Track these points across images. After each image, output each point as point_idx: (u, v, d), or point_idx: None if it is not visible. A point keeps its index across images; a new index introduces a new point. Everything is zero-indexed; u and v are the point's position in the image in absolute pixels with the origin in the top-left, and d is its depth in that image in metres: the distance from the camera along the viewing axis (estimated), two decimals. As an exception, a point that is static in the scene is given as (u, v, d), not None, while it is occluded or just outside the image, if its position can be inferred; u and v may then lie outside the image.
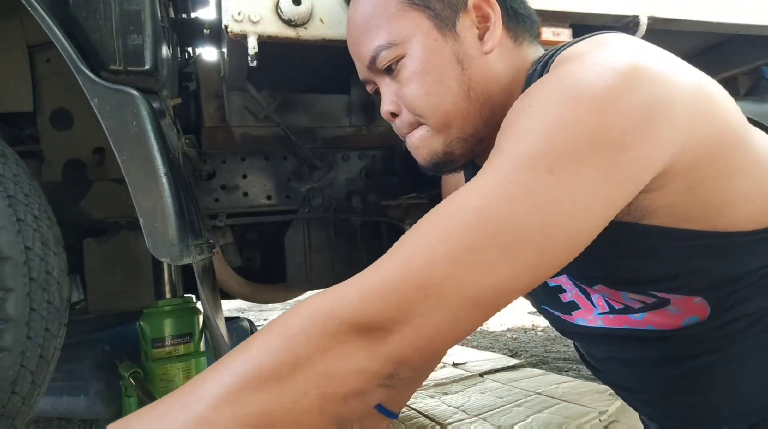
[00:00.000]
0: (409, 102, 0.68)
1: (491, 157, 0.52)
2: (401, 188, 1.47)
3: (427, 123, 0.68)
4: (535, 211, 0.47)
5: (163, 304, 1.22)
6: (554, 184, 0.48)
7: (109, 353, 1.34)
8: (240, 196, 1.36)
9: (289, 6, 0.82)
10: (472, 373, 1.64)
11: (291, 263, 1.40)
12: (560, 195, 0.48)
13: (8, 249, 0.70)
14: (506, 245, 0.47)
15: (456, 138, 0.68)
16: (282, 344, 0.47)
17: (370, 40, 0.68)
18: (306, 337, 0.47)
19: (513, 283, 0.48)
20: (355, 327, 0.48)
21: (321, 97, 1.37)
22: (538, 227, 0.47)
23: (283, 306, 3.59)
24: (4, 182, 0.73)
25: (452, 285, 0.47)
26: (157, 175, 0.73)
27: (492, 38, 0.66)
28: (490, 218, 0.47)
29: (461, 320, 0.48)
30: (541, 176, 0.48)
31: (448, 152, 0.69)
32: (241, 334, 1.81)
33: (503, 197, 0.48)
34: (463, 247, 0.47)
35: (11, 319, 0.69)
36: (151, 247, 0.73)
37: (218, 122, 1.30)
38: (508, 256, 0.47)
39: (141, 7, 0.76)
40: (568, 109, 0.49)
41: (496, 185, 0.49)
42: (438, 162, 0.70)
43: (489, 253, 0.47)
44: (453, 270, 0.47)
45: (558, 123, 0.49)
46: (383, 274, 0.49)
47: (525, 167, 0.48)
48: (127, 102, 0.74)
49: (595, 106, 0.49)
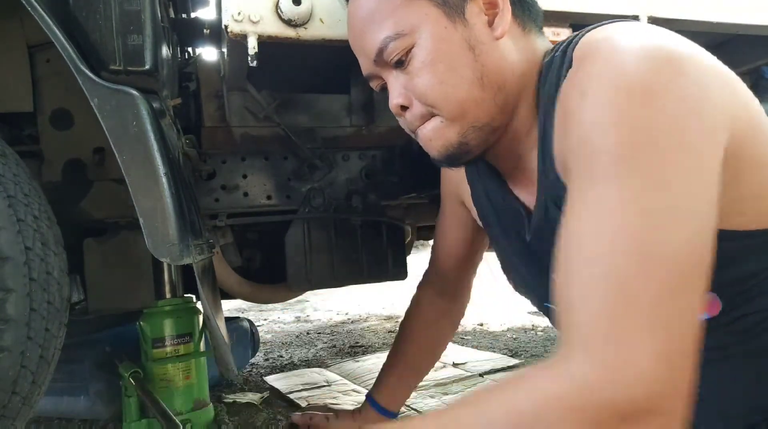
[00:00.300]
0: (421, 93, 0.66)
1: (582, 188, 0.51)
2: (401, 188, 1.47)
3: (440, 114, 0.66)
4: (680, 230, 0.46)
5: (163, 304, 1.22)
6: (673, 197, 0.47)
7: (109, 353, 1.34)
8: (240, 196, 1.36)
9: (289, 6, 0.82)
10: (472, 373, 1.64)
11: (291, 263, 1.40)
12: (684, 206, 0.47)
13: (8, 249, 0.70)
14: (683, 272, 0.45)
15: (471, 127, 0.66)
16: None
17: (375, 32, 0.66)
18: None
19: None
20: (617, 413, 0.42)
21: (321, 97, 1.37)
22: (688, 243, 0.46)
23: (283, 306, 3.59)
24: (4, 182, 0.73)
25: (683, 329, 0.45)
26: (157, 175, 0.73)
27: (502, 23, 0.65)
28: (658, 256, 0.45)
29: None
30: (664, 194, 0.47)
31: (463, 143, 0.67)
32: (241, 334, 1.81)
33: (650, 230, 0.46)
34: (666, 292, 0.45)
35: (11, 320, 0.69)
36: (151, 247, 0.73)
37: (218, 122, 1.30)
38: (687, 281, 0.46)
39: (141, 7, 0.76)
40: (639, 110, 0.49)
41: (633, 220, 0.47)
42: (453, 153, 0.68)
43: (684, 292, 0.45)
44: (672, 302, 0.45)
45: (638, 129, 0.49)
46: (630, 346, 0.43)
47: (646, 190, 0.47)
48: (127, 102, 0.74)
49: (664, 104, 0.49)
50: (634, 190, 0.47)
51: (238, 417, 1.41)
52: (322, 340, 2.50)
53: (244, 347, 1.81)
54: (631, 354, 0.43)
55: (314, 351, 2.26)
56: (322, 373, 1.76)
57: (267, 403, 1.52)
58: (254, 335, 1.88)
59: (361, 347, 2.28)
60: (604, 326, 0.44)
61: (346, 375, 1.72)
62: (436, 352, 1.16)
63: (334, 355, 2.15)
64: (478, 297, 3.41)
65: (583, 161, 0.52)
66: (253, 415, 1.43)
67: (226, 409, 1.39)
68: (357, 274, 1.45)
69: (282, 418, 1.38)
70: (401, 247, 1.49)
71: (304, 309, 3.53)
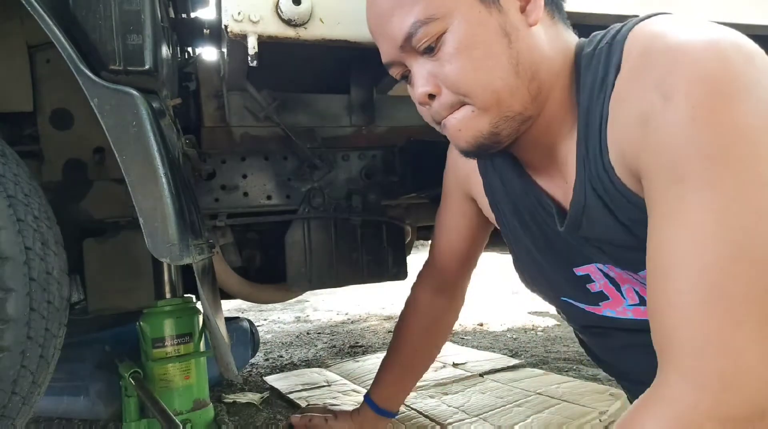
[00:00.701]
0: (454, 80, 0.63)
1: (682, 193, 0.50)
2: (401, 188, 1.47)
3: (472, 102, 0.63)
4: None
5: (163, 304, 1.22)
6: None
7: (109, 353, 1.34)
8: (240, 196, 1.36)
9: (289, 6, 0.82)
10: (472, 373, 1.64)
11: (291, 263, 1.40)
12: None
13: (8, 249, 0.70)
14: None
15: (503, 117, 0.64)
16: None
17: (403, 16, 0.62)
18: None
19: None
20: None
21: (321, 97, 1.37)
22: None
23: (283, 306, 3.59)
24: (4, 182, 0.73)
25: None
26: (157, 175, 0.73)
27: (536, 9, 0.63)
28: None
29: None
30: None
31: (494, 133, 0.65)
32: (241, 334, 1.81)
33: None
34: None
35: (11, 319, 0.69)
36: (151, 247, 0.73)
37: (218, 122, 1.30)
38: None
39: (141, 7, 0.76)
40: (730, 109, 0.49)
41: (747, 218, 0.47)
42: (483, 144, 0.66)
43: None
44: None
45: (729, 130, 0.49)
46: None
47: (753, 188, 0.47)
48: (127, 102, 0.74)
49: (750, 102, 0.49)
50: (732, 193, 0.47)
51: (238, 417, 1.41)
52: (322, 340, 2.50)
53: (244, 347, 1.80)
54: (744, 362, 0.44)
55: (314, 351, 2.26)
56: (322, 373, 1.76)
57: (267, 403, 1.52)
58: (254, 335, 1.88)
59: (361, 347, 2.28)
60: (714, 342, 0.45)
61: (346, 375, 1.72)
62: (434, 351, 1.15)
63: (334, 355, 2.15)
64: (478, 297, 3.41)
65: (670, 165, 0.51)
66: (253, 415, 1.43)
67: (226, 409, 1.39)
68: (357, 274, 1.45)
69: (282, 418, 1.38)
70: (401, 247, 1.49)
71: (304, 309, 3.53)
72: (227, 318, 1.72)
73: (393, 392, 1.15)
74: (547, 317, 2.78)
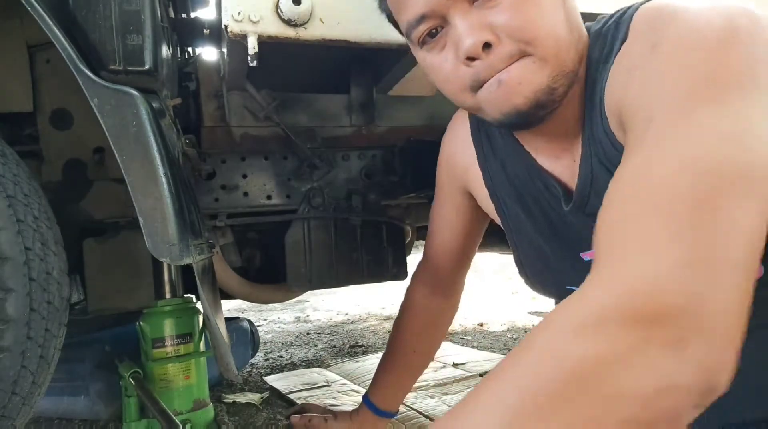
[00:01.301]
0: (521, 25, 0.60)
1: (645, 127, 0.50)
2: (401, 188, 1.47)
3: (534, 53, 0.61)
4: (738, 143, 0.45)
5: (163, 304, 1.22)
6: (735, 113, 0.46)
7: (109, 353, 1.34)
8: (240, 196, 1.36)
9: (289, 6, 0.82)
10: (472, 374, 1.64)
11: (291, 263, 1.40)
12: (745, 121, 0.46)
13: (8, 249, 0.70)
14: (743, 187, 0.43)
15: (560, 72, 0.63)
16: (555, 363, 0.39)
17: None
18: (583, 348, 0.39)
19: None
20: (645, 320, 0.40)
21: (321, 97, 1.37)
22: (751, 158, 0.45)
23: (283, 306, 3.59)
24: (4, 182, 0.73)
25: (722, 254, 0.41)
26: (157, 175, 0.73)
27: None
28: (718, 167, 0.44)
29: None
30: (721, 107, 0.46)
31: (552, 88, 0.63)
32: (241, 334, 1.81)
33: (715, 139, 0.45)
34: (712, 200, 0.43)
35: (11, 320, 0.69)
36: (151, 247, 0.73)
37: (218, 122, 1.30)
38: (749, 198, 0.43)
39: (141, 7, 0.76)
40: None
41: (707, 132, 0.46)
42: (540, 99, 0.63)
43: (737, 201, 0.43)
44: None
45: (710, 71, 0.49)
46: (662, 257, 0.41)
47: (698, 105, 0.47)
48: (127, 102, 0.74)
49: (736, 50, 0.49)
50: (697, 120, 0.46)
51: (238, 417, 1.41)
52: (322, 340, 2.50)
53: (244, 347, 1.81)
54: (661, 265, 0.41)
55: (314, 351, 2.26)
56: (322, 373, 1.76)
57: (267, 403, 1.52)
58: (254, 335, 1.88)
59: (361, 347, 2.28)
60: (635, 244, 0.43)
61: (346, 375, 1.72)
62: (431, 351, 1.15)
63: (334, 355, 2.15)
64: (478, 297, 3.40)
65: (645, 106, 0.51)
66: (253, 415, 1.43)
67: (226, 409, 1.39)
68: (357, 274, 1.45)
69: (282, 418, 1.38)
70: (401, 247, 1.49)
71: (304, 309, 3.53)
72: (227, 318, 1.72)
73: (391, 393, 1.15)
74: (547, 317, 2.77)
